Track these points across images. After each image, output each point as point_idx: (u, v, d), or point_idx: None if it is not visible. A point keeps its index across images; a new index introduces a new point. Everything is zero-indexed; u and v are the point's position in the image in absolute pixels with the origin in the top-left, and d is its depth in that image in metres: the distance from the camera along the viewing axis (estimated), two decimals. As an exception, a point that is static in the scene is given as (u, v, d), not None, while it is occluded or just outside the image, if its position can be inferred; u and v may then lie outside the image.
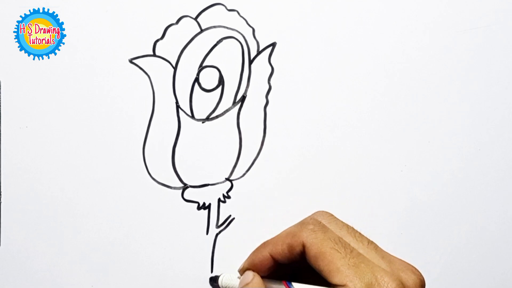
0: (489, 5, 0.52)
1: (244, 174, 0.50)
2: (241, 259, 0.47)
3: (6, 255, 0.47)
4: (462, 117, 0.53)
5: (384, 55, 0.51)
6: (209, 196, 0.50)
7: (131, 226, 0.48)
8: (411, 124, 0.52)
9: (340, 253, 0.42)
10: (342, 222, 0.46)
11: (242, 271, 0.47)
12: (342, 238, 0.43)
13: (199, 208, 0.49)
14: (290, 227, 0.46)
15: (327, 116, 0.51)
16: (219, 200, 0.50)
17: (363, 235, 0.45)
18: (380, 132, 0.51)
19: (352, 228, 0.45)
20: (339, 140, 0.51)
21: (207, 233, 0.50)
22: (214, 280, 0.49)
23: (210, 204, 0.50)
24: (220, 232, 0.50)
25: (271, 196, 0.50)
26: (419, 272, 0.44)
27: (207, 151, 0.49)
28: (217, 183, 0.50)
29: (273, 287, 0.45)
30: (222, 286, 0.48)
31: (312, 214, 0.47)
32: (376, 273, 0.41)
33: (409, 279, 0.43)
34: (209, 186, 0.50)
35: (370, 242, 0.45)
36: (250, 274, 0.46)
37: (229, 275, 0.48)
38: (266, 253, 0.46)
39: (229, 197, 0.50)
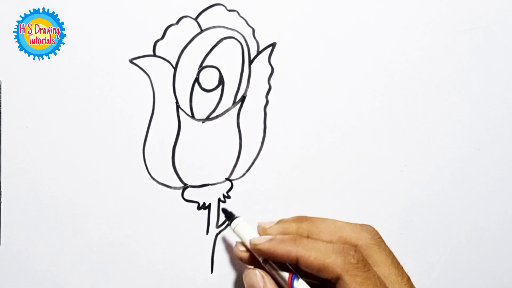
0: (489, 5, 0.52)
1: (244, 174, 0.50)
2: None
3: (6, 255, 0.47)
4: (462, 117, 0.53)
5: (384, 55, 0.51)
6: (209, 196, 0.50)
7: (131, 226, 0.48)
8: (411, 124, 0.52)
9: None
10: (389, 249, 0.44)
11: (256, 250, 0.44)
12: (383, 281, 0.41)
13: (199, 208, 0.49)
14: (329, 243, 0.42)
15: (327, 116, 0.51)
16: (219, 200, 0.50)
17: (403, 269, 0.43)
18: (380, 132, 0.51)
19: (397, 260, 0.43)
20: (339, 140, 0.51)
21: (207, 233, 0.50)
22: (228, 215, 0.47)
23: (210, 204, 0.50)
24: (220, 232, 0.50)
25: (271, 196, 0.50)
26: None
27: (207, 151, 0.49)
28: (217, 183, 0.50)
29: (278, 276, 0.43)
30: (232, 228, 0.46)
31: (361, 227, 0.44)
32: None
33: None
34: (209, 186, 0.50)
35: (408, 279, 0.43)
36: (259, 281, 0.44)
37: (244, 224, 0.46)
38: (293, 254, 0.42)
39: (229, 197, 0.50)
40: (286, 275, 0.43)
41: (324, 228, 0.45)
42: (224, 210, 0.48)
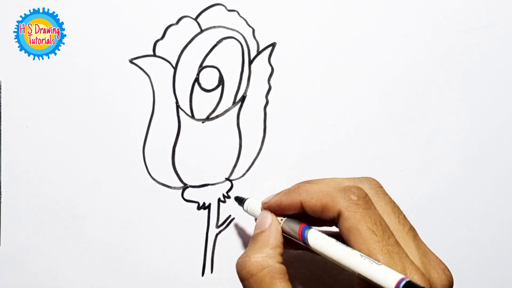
0: (489, 5, 0.52)
1: (244, 174, 0.50)
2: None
3: (6, 255, 0.47)
4: (462, 117, 0.53)
5: (384, 55, 0.51)
6: (209, 196, 0.50)
7: (131, 226, 0.48)
8: (411, 124, 0.52)
9: (377, 235, 0.39)
10: (389, 197, 0.43)
11: (266, 206, 0.45)
12: (383, 219, 0.40)
13: (199, 208, 0.49)
14: (330, 183, 0.43)
15: (327, 116, 0.51)
16: (219, 200, 0.50)
17: (406, 219, 0.42)
18: (380, 132, 0.51)
19: (398, 207, 0.42)
20: (339, 140, 0.51)
21: (207, 233, 0.50)
22: (240, 201, 0.47)
23: (210, 204, 0.50)
24: (220, 232, 0.50)
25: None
26: (450, 273, 0.41)
27: (207, 151, 0.49)
28: (217, 183, 0.50)
29: (289, 228, 0.43)
30: (246, 210, 0.47)
31: (358, 178, 0.44)
32: (407, 269, 0.39)
33: (438, 280, 0.40)
34: (209, 186, 0.50)
35: (411, 229, 0.42)
36: (268, 218, 0.44)
37: (255, 202, 0.46)
38: (297, 200, 0.43)
39: (229, 197, 0.50)
40: (297, 227, 0.42)
41: (323, 182, 0.45)
42: (236, 198, 0.48)
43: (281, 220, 0.44)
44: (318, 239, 0.41)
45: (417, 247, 0.41)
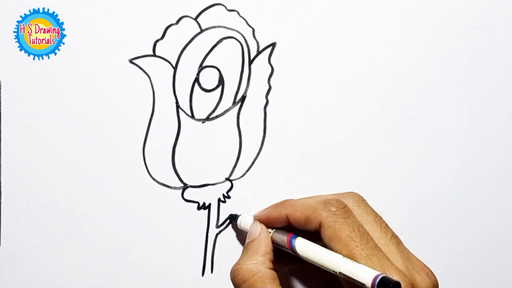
0: (489, 5, 0.52)
1: (244, 174, 0.50)
2: (241, 259, 0.47)
3: (6, 255, 0.47)
4: (462, 117, 0.53)
5: (384, 55, 0.51)
6: (209, 196, 0.50)
7: (131, 226, 0.48)
8: (411, 124, 0.52)
9: (355, 241, 0.41)
10: (371, 209, 0.46)
11: (256, 218, 0.48)
12: (362, 226, 0.43)
13: (199, 208, 0.49)
14: (314, 198, 0.46)
15: (327, 116, 0.51)
16: (219, 200, 0.50)
17: (388, 227, 0.44)
18: (380, 132, 0.51)
19: (380, 217, 0.45)
20: (339, 140, 0.51)
21: (207, 233, 0.50)
22: (234, 218, 0.49)
23: (210, 204, 0.50)
24: (220, 232, 0.50)
25: (271, 196, 0.50)
26: (435, 277, 0.43)
27: (207, 151, 0.49)
28: (217, 183, 0.50)
29: (278, 238, 0.46)
30: (240, 226, 0.49)
31: (341, 194, 0.47)
32: (386, 270, 0.41)
33: (422, 282, 0.42)
34: (209, 186, 0.50)
35: (394, 236, 0.44)
36: (258, 228, 0.46)
37: (247, 217, 0.48)
38: (283, 214, 0.46)
39: (229, 197, 0.50)
40: (285, 237, 0.45)
41: (308, 198, 0.48)
42: (230, 216, 0.50)
43: (271, 231, 0.47)
44: (304, 246, 0.44)
45: (400, 253, 0.43)
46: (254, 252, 0.45)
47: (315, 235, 0.44)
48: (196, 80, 0.49)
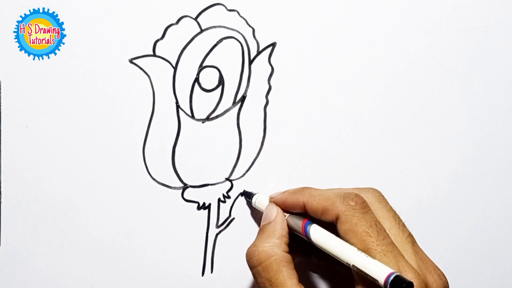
0: (489, 5, 0.52)
1: (244, 174, 0.50)
2: (241, 259, 0.47)
3: (6, 255, 0.47)
4: (462, 117, 0.53)
5: (384, 55, 0.51)
6: (209, 196, 0.50)
7: (131, 226, 0.48)
8: (411, 124, 0.52)
9: (372, 237, 0.41)
10: (390, 206, 0.45)
11: (272, 200, 0.48)
12: (379, 222, 0.43)
13: (199, 208, 0.49)
14: (334, 190, 0.46)
15: (327, 116, 0.51)
16: (219, 200, 0.50)
17: (405, 226, 0.44)
18: (380, 132, 0.51)
19: (398, 216, 0.45)
20: (339, 140, 0.51)
21: (207, 233, 0.50)
22: (247, 195, 0.50)
23: (210, 204, 0.50)
24: (220, 232, 0.50)
25: (271, 196, 0.50)
26: (446, 279, 0.43)
27: (207, 151, 0.49)
28: (217, 183, 0.50)
29: (293, 222, 0.45)
30: (255, 205, 0.49)
31: (361, 188, 0.46)
32: (401, 267, 0.40)
33: (434, 283, 0.42)
34: (209, 186, 0.50)
35: (410, 235, 0.44)
36: (274, 210, 0.46)
37: (263, 197, 0.49)
38: (301, 200, 0.46)
39: (229, 197, 0.50)
40: (300, 222, 0.45)
41: (327, 189, 0.48)
42: (244, 192, 0.50)
43: (286, 215, 0.46)
44: (319, 233, 0.44)
45: (415, 252, 0.43)
46: (270, 234, 0.45)
47: (329, 226, 0.44)
48: (196, 80, 0.49)
